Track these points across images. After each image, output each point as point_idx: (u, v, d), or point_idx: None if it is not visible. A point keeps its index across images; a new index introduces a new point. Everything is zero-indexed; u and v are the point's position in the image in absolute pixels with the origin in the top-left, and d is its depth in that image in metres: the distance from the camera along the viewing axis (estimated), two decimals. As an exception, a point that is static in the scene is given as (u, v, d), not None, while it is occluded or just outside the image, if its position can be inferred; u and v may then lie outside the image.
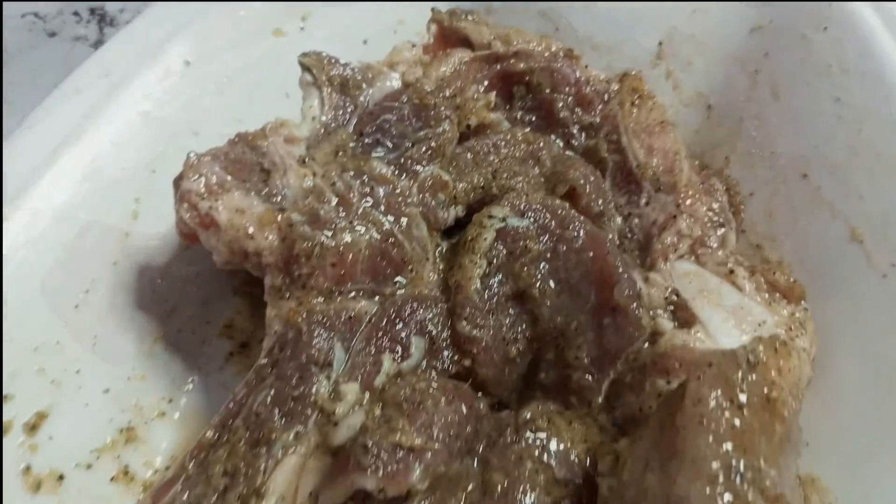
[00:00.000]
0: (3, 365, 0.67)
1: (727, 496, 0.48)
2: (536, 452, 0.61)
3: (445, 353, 0.66)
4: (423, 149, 0.73)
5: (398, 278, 0.68)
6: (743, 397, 0.51)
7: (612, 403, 0.66)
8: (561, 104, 0.81)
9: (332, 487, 0.58)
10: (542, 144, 0.78)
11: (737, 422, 0.50)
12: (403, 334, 0.65)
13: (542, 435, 0.63)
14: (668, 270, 0.69)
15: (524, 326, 0.68)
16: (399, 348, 0.64)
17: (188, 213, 0.67)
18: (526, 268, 0.68)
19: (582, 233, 0.69)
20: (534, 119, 0.82)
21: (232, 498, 0.57)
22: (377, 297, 0.67)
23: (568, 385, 0.66)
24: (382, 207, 0.69)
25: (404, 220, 0.69)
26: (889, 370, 0.65)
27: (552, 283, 0.68)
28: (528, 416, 0.64)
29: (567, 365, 0.66)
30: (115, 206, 0.78)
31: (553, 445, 0.62)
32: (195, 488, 0.58)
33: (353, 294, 0.66)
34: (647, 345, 0.66)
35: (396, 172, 0.71)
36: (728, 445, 0.49)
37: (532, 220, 0.69)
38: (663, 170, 0.75)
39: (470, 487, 0.60)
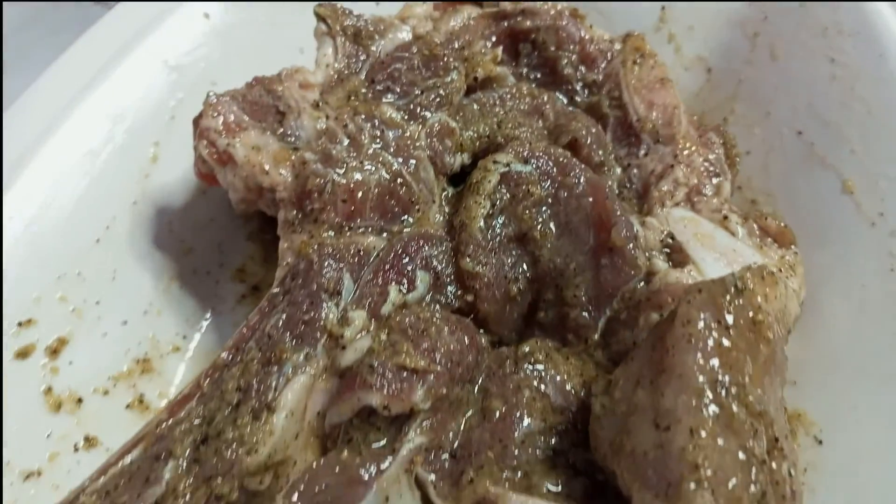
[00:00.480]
0: (27, 290, 0.70)
1: (712, 407, 0.50)
2: (534, 382, 0.64)
3: (449, 288, 0.69)
4: (432, 96, 0.76)
5: (405, 217, 0.71)
6: (730, 318, 0.54)
7: (607, 340, 0.69)
8: (565, 61, 0.84)
9: (339, 404, 0.61)
10: (546, 99, 0.81)
11: (724, 341, 0.53)
12: (410, 268, 0.67)
13: (540, 367, 0.65)
14: (664, 215, 0.72)
15: (525, 267, 0.70)
16: (405, 281, 0.67)
17: (207, 150, 0.70)
18: (528, 211, 0.70)
19: (582, 179, 0.71)
20: (539, 76, 0.85)
21: (244, 411, 0.60)
22: (385, 234, 0.70)
23: (566, 323, 0.69)
24: (392, 149, 0.72)
25: (412, 163, 0.72)
26: (874, 313, 0.67)
27: (553, 226, 0.70)
28: (527, 349, 0.67)
29: (565, 303, 0.69)
30: (135, 149, 0.81)
31: (550, 377, 0.65)
32: (209, 402, 0.62)
33: (362, 230, 0.69)
34: (642, 284, 0.68)
35: (406, 117, 0.74)
36: (714, 362, 0.52)
37: (535, 166, 0.72)
38: (662, 123, 0.78)
39: (469, 413, 0.63)
